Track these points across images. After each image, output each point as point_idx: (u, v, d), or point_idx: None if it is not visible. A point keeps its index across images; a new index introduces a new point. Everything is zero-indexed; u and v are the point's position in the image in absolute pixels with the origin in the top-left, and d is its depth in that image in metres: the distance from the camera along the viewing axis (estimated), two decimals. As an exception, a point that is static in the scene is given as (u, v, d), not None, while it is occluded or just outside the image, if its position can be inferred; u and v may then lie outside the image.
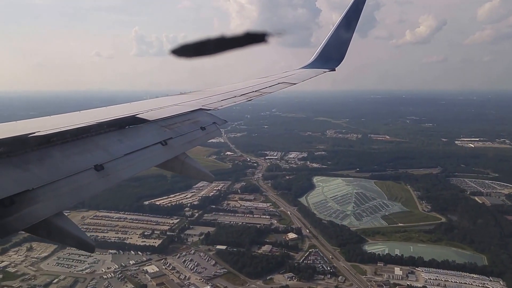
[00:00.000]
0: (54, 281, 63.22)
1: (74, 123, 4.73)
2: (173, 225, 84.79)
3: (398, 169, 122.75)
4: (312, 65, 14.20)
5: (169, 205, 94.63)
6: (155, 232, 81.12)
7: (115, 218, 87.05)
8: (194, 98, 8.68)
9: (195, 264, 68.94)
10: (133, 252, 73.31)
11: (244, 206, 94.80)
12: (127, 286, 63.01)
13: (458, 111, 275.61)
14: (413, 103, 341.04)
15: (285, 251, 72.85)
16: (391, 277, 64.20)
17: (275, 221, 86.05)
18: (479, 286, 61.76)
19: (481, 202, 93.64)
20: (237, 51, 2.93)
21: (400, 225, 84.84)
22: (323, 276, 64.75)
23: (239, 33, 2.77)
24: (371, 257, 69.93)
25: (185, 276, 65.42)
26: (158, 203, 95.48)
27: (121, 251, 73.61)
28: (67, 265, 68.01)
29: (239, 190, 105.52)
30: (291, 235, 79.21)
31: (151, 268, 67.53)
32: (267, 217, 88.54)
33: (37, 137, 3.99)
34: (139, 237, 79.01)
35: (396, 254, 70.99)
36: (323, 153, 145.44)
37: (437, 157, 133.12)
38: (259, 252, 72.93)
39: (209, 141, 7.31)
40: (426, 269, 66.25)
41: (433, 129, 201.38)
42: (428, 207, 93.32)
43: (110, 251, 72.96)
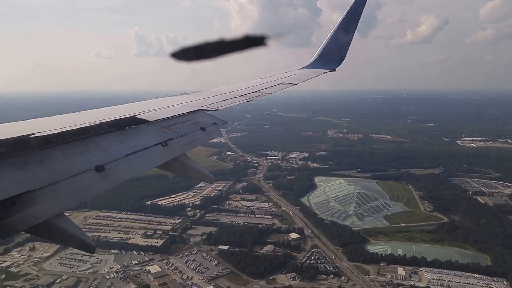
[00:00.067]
0: (57, 281, 63.32)
1: (74, 123, 4.75)
2: (175, 225, 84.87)
3: (399, 169, 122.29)
4: (312, 65, 14.19)
5: (171, 205, 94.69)
6: (157, 232, 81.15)
7: (117, 218, 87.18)
8: (194, 98, 8.71)
9: (198, 264, 68.95)
10: (135, 252, 73.37)
11: (245, 206, 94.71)
12: (129, 286, 63.03)
13: (459, 110, 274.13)
14: (414, 102, 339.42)
15: (288, 251, 72.74)
16: (394, 277, 63.99)
17: (277, 221, 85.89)
18: (482, 286, 61.48)
19: (483, 202, 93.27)
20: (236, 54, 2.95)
21: (402, 225, 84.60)
22: (326, 276, 64.60)
23: (238, 36, 2.78)
24: (373, 257, 69.69)
25: (188, 276, 65.45)
26: (160, 203, 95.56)
27: (123, 251, 73.70)
28: (69, 265, 68.17)
29: (240, 190, 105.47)
30: (293, 235, 79.08)
31: (154, 268, 67.60)
32: (269, 217, 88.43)
33: (38, 138, 4.01)
34: (141, 237, 79.12)
35: (399, 254, 70.71)
36: (324, 153, 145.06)
37: (438, 157, 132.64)
38: (262, 252, 72.90)
39: (210, 141, 7.32)
40: (429, 269, 65.96)
41: (435, 128, 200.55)
42: (430, 207, 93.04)
43: (113, 251, 73.13)
